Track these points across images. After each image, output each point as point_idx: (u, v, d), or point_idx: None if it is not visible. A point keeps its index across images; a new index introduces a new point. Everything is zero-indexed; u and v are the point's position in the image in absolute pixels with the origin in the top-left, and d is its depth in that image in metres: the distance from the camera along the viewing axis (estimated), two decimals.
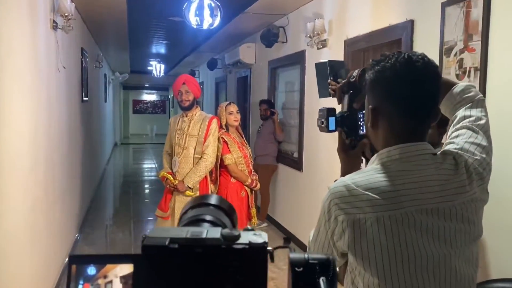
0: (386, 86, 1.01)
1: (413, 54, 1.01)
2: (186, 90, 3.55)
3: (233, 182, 3.63)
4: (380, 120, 1.05)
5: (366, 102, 1.11)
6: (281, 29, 5.27)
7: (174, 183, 3.52)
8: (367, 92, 1.08)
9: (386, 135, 1.05)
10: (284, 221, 5.42)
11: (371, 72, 1.05)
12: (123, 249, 4.83)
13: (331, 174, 4.12)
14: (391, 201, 0.96)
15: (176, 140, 3.61)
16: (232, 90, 7.86)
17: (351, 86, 1.27)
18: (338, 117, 1.27)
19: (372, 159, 1.08)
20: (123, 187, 9.35)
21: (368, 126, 1.08)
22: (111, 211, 7.10)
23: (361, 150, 1.29)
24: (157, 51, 9.65)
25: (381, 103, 1.03)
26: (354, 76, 1.26)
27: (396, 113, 1.02)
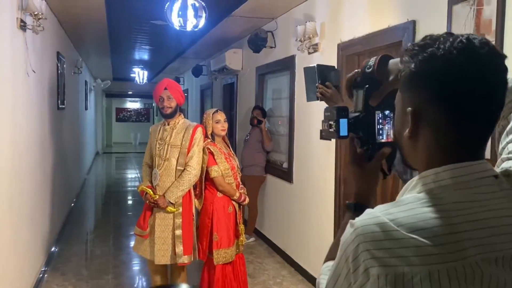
0: (435, 82, 0.74)
1: (473, 37, 0.74)
2: (168, 96, 3.25)
3: (220, 197, 3.33)
4: (422, 128, 0.77)
5: (399, 101, 0.83)
6: (270, 34, 5.02)
7: (154, 198, 3.20)
8: (404, 89, 0.80)
9: (431, 149, 0.77)
10: (273, 235, 5.13)
11: (411, 61, 0.77)
12: (101, 268, 4.48)
13: (324, 186, 3.86)
14: (449, 249, 0.68)
15: (156, 150, 3.30)
16: (218, 98, 7.58)
17: (367, 78, 0.99)
18: (352, 119, 0.98)
19: (409, 183, 0.80)
20: (104, 198, 8.96)
21: (404, 135, 0.80)
22: (90, 224, 6.71)
23: (379, 162, 1.00)
24: (140, 57, 9.32)
25: (427, 105, 0.76)
26: (371, 65, 0.98)
27: (447, 119, 0.74)
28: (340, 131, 0.97)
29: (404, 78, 0.79)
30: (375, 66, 0.97)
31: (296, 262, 4.43)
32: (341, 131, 0.97)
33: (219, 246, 3.29)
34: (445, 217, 0.71)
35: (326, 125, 1.00)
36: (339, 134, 0.97)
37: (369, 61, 0.99)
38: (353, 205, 1.01)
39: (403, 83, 0.80)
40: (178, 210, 3.24)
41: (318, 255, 4.03)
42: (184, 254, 3.23)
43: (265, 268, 4.51)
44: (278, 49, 4.95)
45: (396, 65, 0.95)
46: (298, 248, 4.44)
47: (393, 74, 0.95)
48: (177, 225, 3.24)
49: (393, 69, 0.96)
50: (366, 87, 0.98)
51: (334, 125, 0.97)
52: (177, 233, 3.23)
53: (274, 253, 4.93)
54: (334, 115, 0.97)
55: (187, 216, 3.27)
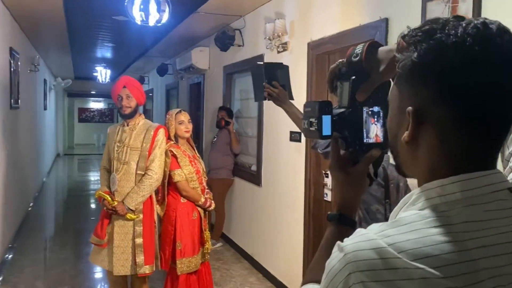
0: (444, 77, 0.59)
1: (489, 21, 0.60)
2: (127, 94, 3.03)
3: (184, 202, 3.13)
4: (425, 131, 0.63)
5: (395, 98, 0.68)
6: (238, 32, 4.85)
7: (112, 204, 2.98)
8: (403, 83, 0.66)
9: (435, 157, 0.63)
10: (241, 240, 4.96)
11: (413, 50, 0.62)
12: (57, 278, 4.19)
13: (293, 190, 3.73)
14: (464, 281, 0.54)
15: (115, 153, 3.07)
16: (184, 98, 7.35)
17: (353, 69, 0.83)
18: (336, 116, 0.83)
19: (407, 197, 0.66)
20: (65, 202, 8.55)
21: (401, 139, 0.66)
22: (48, 230, 6.34)
23: (367, 167, 0.86)
24: (102, 55, 8.95)
25: (432, 103, 0.61)
26: (358, 53, 0.82)
27: (457, 121, 0.60)
28: (323, 130, 0.81)
29: (403, 71, 0.64)
30: (363, 54, 0.81)
31: (265, 268, 4.28)
32: (324, 129, 0.81)
33: (182, 255, 3.10)
34: (457, 241, 0.56)
35: (306, 123, 0.84)
36: (322, 134, 0.81)
37: (356, 49, 0.83)
38: (336, 216, 0.86)
39: (401, 76, 0.65)
40: (138, 217, 3.03)
41: (287, 261, 3.89)
42: (145, 264, 3.03)
43: (232, 275, 4.34)
44: (246, 48, 4.79)
45: (388, 53, 0.80)
46: (267, 254, 4.29)
47: (384, 64, 0.80)
48: (138, 233, 3.03)
49: (384, 58, 0.81)
50: (353, 79, 0.83)
51: (315, 123, 0.81)
52: (137, 242, 3.02)
53: (242, 259, 4.76)
54: (315, 111, 0.81)
55: (148, 224, 3.06)
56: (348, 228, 0.84)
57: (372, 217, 2.16)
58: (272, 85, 1.94)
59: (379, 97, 0.83)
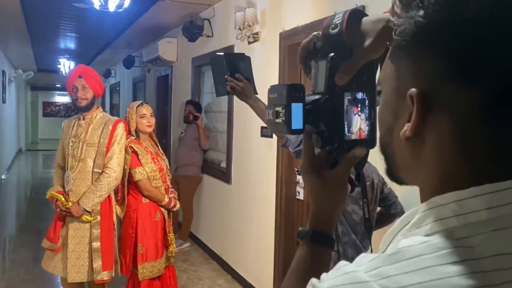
0: (468, 38, 0.41)
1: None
2: (83, 85, 2.77)
3: (145, 203, 2.90)
4: (434, 123, 0.44)
5: (389, 77, 0.50)
6: (207, 22, 4.62)
7: (66, 205, 2.72)
8: (401, 56, 0.47)
9: (449, 158, 0.45)
10: (210, 240, 4.76)
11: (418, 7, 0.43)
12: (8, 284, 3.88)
13: (264, 188, 3.55)
14: None
15: (69, 149, 2.81)
16: (152, 91, 7.06)
17: (332, 44, 0.63)
18: (309, 104, 0.63)
19: (408, 216, 0.47)
20: (27, 201, 8.12)
21: (399, 134, 0.47)
22: (5, 231, 5.95)
23: (348, 170, 0.67)
24: (65, 46, 8.51)
25: (448, 81, 0.43)
26: (338, 23, 0.62)
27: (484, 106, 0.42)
28: (292, 122, 0.61)
29: (403, 38, 0.45)
30: (343, 24, 0.62)
31: (234, 270, 4.08)
32: (293, 122, 0.61)
33: (144, 259, 2.88)
34: (487, 286, 0.38)
35: (271, 113, 0.63)
36: (291, 127, 0.61)
37: (334, 18, 0.63)
38: (310, 233, 0.67)
39: (400, 47, 0.47)
40: (95, 219, 2.79)
41: (257, 263, 3.71)
42: (103, 270, 2.79)
43: (200, 277, 4.13)
44: (215, 39, 4.57)
45: (375, 23, 0.61)
46: (237, 254, 4.10)
47: (371, 37, 0.61)
48: (95, 236, 2.79)
49: (370, 30, 0.61)
50: (331, 56, 0.63)
51: (283, 113, 0.61)
52: (94, 246, 2.78)
53: (211, 260, 4.56)
54: (283, 98, 0.61)
55: (106, 226, 2.82)
56: (325, 248, 0.65)
57: (348, 219, 2.00)
58: (236, 78, 1.74)
59: (363, 80, 0.64)
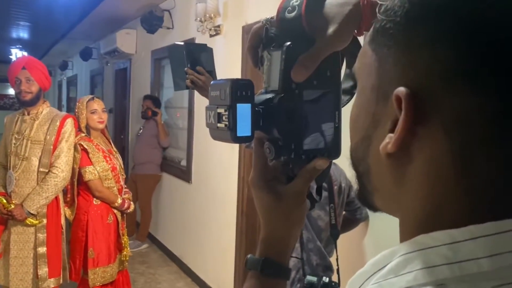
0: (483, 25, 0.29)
1: None
2: (27, 77, 2.54)
3: (97, 204, 2.71)
4: (428, 135, 0.33)
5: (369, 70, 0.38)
6: (167, 13, 4.43)
7: (9, 208, 2.50)
8: (388, 43, 0.35)
9: (444, 184, 0.33)
10: (169, 241, 4.58)
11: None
12: None
13: (226, 188, 3.43)
14: None
15: (12, 147, 2.58)
16: (110, 85, 6.76)
17: (289, 31, 0.51)
18: (260, 104, 0.51)
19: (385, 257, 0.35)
20: None
21: (379, 148, 0.35)
22: None
23: (307, 185, 0.55)
24: (17, 35, 8.05)
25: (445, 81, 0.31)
26: (296, 5, 0.49)
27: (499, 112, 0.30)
28: (238, 128, 0.48)
29: (390, 19, 0.34)
30: (302, 7, 0.49)
31: (194, 272, 3.94)
32: (239, 127, 0.48)
33: (96, 264, 2.70)
34: None
35: (213, 115, 0.50)
36: (236, 134, 0.48)
37: (292, 0, 0.51)
38: (260, 262, 0.55)
39: (384, 31, 0.35)
40: (41, 223, 2.59)
41: (217, 266, 3.58)
42: (50, 277, 2.61)
43: (158, 280, 3.95)
44: (176, 31, 4.38)
45: (341, 7, 0.49)
46: (196, 256, 3.95)
47: (335, 23, 0.48)
48: (40, 241, 2.58)
49: (335, 14, 0.49)
50: (287, 46, 0.50)
51: (226, 116, 0.48)
52: (40, 251, 2.58)
53: (170, 261, 4.39)
54: (226, 97, 0.48)
55: (53, 230, 2.63)
56: (278, 280, 0.54)
57: (313, 224, 1.90)
58: (196, 71, 1.60)
59: (326, 76, 0.52)
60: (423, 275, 0.32)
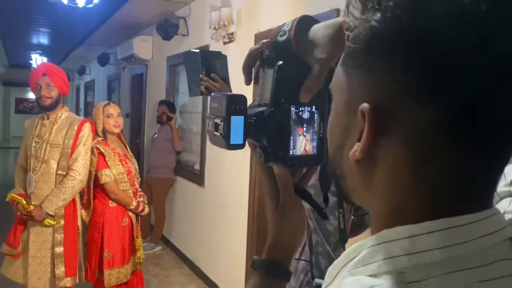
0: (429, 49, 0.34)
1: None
2: (47, 83, 2.65)
3: (113, 207, 2.79)
4: (389, 144, 0.38)
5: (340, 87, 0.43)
6: (182, 20, 4.52)
7: (28, 209, 2.60)
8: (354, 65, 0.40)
9: (403, 186, 0.39)
10: (182, 244, 4.66)
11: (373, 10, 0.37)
12: None
13: (237, 192, 3.49)
14: None
15: (32, 150, 2.69)
16: (126, 89, 6.90)
17: (281, 52, 0.58)
18: (252, 117, 0.57)
19: (357, 248, 0.41)
20: None
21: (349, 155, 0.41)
22: None
23: (286, 193, 0.62)
24: (38, 41, 8.26)
25: (405, 98, 0.36)
26: (287, 30, 0.56)
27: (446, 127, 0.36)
28: (231, 136, 0.55)
29: (355, 45, 0.39)
30: (292, 31, 0.55)
31: (206, 275, 4.00)
32: (232, 136, 0.55)
33: (111, 265, 2.77)
34: None
35: (211, 124, 0.58)
36: (229, 142, 0.55)
37: (283, 26, 0.57)
38: (265, 263, 0.61)
39: (352, 54, 0.40)
40: (58, 224, 2.68)
41: (228, 269, 3.64)
42: (66, 276, 2.69)
43: (170, 282, 4.03)
44: (191, 38, 4.47)
45: (325, 29, 0.55)
46: (208, 259, 4.01)
47: (322, 46, 0.54)
48: (58, 241, 2.67)
49: (321, 37, 0.55)
50: (279, 65, 0.56)
51: (222, 126, 0.56)
52: (57, 251, 2.67)
53: (183, 264, 4.46)
54: (222, 109, 0.55)
55: (70, 231, 2.72)
56: (279, 281, 0.59)
57: (322, 229, 1.95)
58: (211, 78, 1.65)
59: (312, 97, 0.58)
60: (386, 264, 0.37)
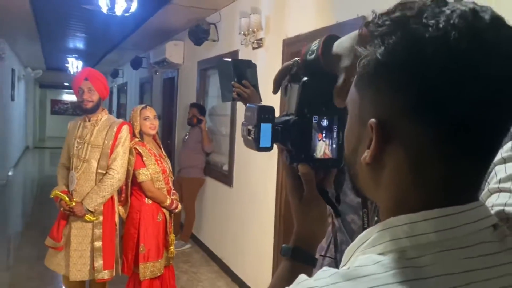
0: (420, 81, 0.45)
1: (480, 8, 0.46)
2: (89, 88, 2.83)
3: (148, 204, 2.96)
4: (392, 151, 0.49)
5: (354, 104, 0.54)
6: (213, 26, 4.68)
7: (70, 205, 2.79)
8: (364, 86, 0.51)
9: (403, 185, 0.49)
10: (210, 242, 4.81)
11: (378, 44, 0.47)
12: (12, 281, 3.95)
13: (264, 192, 3.60)
14: None
15: (74, 150, 2.88)
16: (158, 92, 7.13)
17: (310, 69, 0.69)
18: (279, 124, 0.69)
19: (366, 234, 0.51)
20: (33, 198, 8.19)
21: (361, 159, 0.51)
22: (12, 228, 6.05)
23: (312, 190, 0.71)
24: (74, 45, 8.62)
25: (402, 115, 0.47)
26: (315, 49, 0.68)
27: (436, 140, 0.46)
28: (261, 141, 0.68)
29: (365, 71, 0.50)
30: (319, 50, 0.67)
31: (234, 272, 4.13)
32: (261, 140, 0.68)
33: (146, 259, 2.93)
34: None
35: (245, 130, 0.70)
36: (259, 145, 0.68)
37: (312, 45, 0.69)
38: (290, 250, 0.72)
39: (362, 77, 0.51)
40: (98, 219, 2.85)
41: (255, 266, 3.76)
42: (104, 269, 2.85)
43: (199, 279, 4.18)
44: (221, 43, 4.63)
45: (346, 43, 0.66)
46: (236, 257, 4.15)
47: (348, 58, 0.65)
48: (97, 236, 2.85)
49: (344, 49, 0.66)
50: (304, 81, 0.68)
51: (253, 132, 0.68)
52: (96, 245, 2.84)
53: (211, 261, 4.61)
54: (254, 118, 0.68)
55: (108, 226, 2.88)
56: (305, 265, 0.70)
57: (347, 228, 2.05)
58: (242, 85, 1.79)
59: (333, 105, 0.69)
60: (391, 244, 0.48)
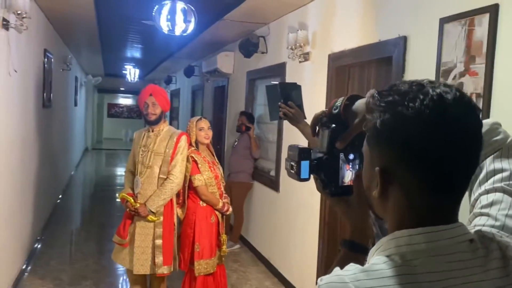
0: (405, 144, 0.67)
1: (445, 90, 0.68)
2: (153, 102, 3.18)
3: (203, 206, 3.26)
4: (392, 189, 0.71)
5: (366, 154, 0.77)
6: (262, 39, 4.95)
7: (135, 206, 3.13)
8: (370, 143, 0.74)
9: (402, 211, 0.72)
10: (258, 243, 5.07)
11: (377, 117, 0.70)
12: (80, 273, 4.39)
13: (309, 198, 3.80)
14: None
15: (139, 157, 3.23)
16: (209, 99, 7.50)
17: (333, 119, 0.93)
18: (315, 160, 0.93)
19: (381, 242, 0.73)
20: (92, 196, 8.80)
21: (373, 194, 0.74)
22: (75, 224, 6.60)
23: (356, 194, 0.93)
24: (131, 55, 9.20)
25: (396, 165, 0.69)
26: (338, 106, 0.92)
27: (420, 182, 0.68)
28: (301, 174, 0.92)
29: (370, 133, 0.73)
30: (341, 108, 0.91)
31: (280, 273, 4.37)
32: (302, 173, 0.92)
33: (200, 257, 3.22)
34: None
35: (288, 165, 0.95)
36: (300, 177, 0.92)
37: (337, 102, 0.93)
38: (347, 243, 0.94)
39: (369, 137, 0.74)
40: (159, 220, 3.17)
41: (301, 268, 3.97)
42: (164, 265, 3.17)
43: (248, 278, 4.45)
44: (269, 55, 4.88)
45: (363, 105, 0.89)
46: (282, 259, 4.38)
47: (360, 116, 0.89)
48: (158, 234, 3.17)
49: (359, 110, 0.89)
50: (332, 127, 0.93)
51: (295, 167, 0.93)
52: (157, 243, 3.16)
53: (259, 262, 4.87)
54: (295, 156, 0.92)
55: (168, 226, 3.20)
56: (358, 254, 0.90)
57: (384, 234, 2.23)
58: (288, 105, 2.00)
59: (355, 145, 0.92)
60: (395, 250, 0.70)
